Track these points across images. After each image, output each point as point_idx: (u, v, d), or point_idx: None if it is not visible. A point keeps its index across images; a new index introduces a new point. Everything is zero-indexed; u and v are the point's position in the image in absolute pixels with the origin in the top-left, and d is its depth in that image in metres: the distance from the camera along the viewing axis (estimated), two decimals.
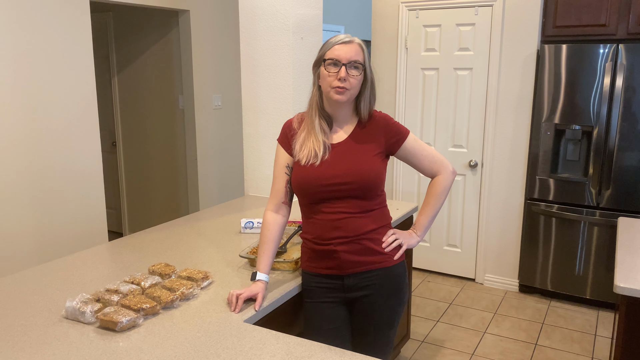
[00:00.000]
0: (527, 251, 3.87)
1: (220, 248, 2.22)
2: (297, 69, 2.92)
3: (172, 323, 1.57)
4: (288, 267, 1.95)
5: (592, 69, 3.45)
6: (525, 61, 3.73)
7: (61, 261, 2.07)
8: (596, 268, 3.63)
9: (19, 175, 3.10)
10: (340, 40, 1.68)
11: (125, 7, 4.46)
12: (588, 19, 3.51)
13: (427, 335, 3.34)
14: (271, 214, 1.84)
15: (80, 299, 1.60)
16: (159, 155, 4.83)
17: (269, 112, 3.02)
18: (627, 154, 3.43)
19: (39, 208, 3.22)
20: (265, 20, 2.91)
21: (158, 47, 4.61)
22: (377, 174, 1.75)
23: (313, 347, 1.44)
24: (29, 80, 3.10)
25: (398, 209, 2.72)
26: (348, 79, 1.67)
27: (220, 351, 1.41)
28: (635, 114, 3.38)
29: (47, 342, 1.46)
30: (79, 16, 3.34)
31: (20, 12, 3.03)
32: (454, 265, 4.25)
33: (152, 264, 1.97)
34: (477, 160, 4.01)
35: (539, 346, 3.21)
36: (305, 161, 1.74)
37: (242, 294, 1.66)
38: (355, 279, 1.77)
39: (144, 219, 4.97)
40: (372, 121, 1.79)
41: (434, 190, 1.87)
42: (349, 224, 1.73)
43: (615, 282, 1.86)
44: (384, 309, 1.81)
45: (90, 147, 3.49)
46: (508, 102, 3.84)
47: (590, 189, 3.57)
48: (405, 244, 1.84)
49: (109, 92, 4.99)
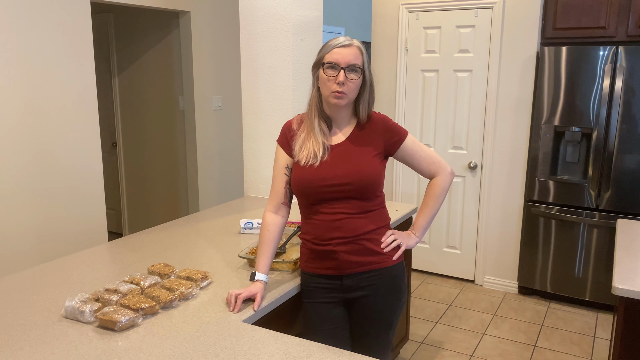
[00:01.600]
0: (526, 253, 3.88)
1: (220, 248, 2.23)
2: (297, 71, 2.93)
3: (171, 323, 1.57)
4: (287, 267, 1.96)
5: (591, 71, 3.46)
6: (525, 63, 3.74)
7: (61, 261, 2.08)
8: (595, 270, 3.63)
9: (20, 175, 3.11)
10: (339, 43, 1.68)
11: (126, 8, 4.47)
12: (588, 21, 3.52)
13: (426, 337, 3.34)
14: (270, 215, 1.85)
15: (79, 299, 1.61)
16: (159, 156, 4.84)
17: (269, 114, 3.03)
18: (627, 156, 3.43)
19: (39, 208, 3.23)
20: (265, 22, 2.91)
21: (158, 48, 4.62)
22: (375, 175, 1.76)
23: (311, 347, 1.45)
24: (30, 81, 3.11)
25: (397, 210, 2.73)
26: (347, 82, 1.67)
27: (219, 351, 1.42)
28: (634, 116, 3.38)
29: (47, 341, 1.46)
30: (79, 17, 3.35)
31: (22, 13, 3.03)
32: (454, 267, 4.25)
33: (152, 264, 1.98)
34: (476, 162, 4.01)
35: (538, 348, 3.21)
36: (304, 162, 1.75)
37: (241, 294, 1.67)
38: (354, 280, 1.78)
39: (144, 220, 4.98)
40: (370, 123, 1.80)
41: (432, 192, 1.88)
42: (348, 224, 1.74)
43: (614, 284, 1.86)
44: (382, 310, 1.81)
45: (90, 147, 3.50)
46: (508, 104, 3.84)
47: (589, 190, 3.58)
48: (404, 245, 1.84)
49: (109, 93, 5.00)
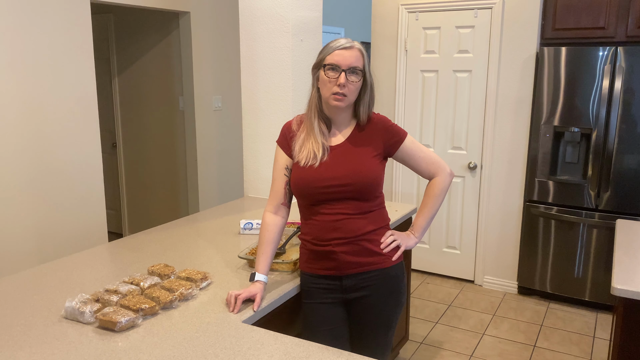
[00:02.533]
0: (526, 253, 3.88)
1: (220, 249, 2.23)
2: (296, 71, 2.93)
3: (171, 323, 1.57)
4: (287, 268, 1.96)
5: (591, 72, 3.46)
6: (525, 63, 3.74)
7: (61, 261, 2.08)
8: (595, 270, 3.63)
9: (20, 175, 3.11)
10: (341, 45, 1.68)
11: (126, 8, 4.47)
12: (587, 22, 3.52)
13: (425, 337, 3.35)
14: (270, 215, 1.86)
15: (79, 299, 1.61)
16: (159, 156, 4.84)
17: (268, 114, 3.03)
18: (626, 156, 3.44)
19: (39, 208, 3.23)
20: (265, 22, 2.92)
21: (158, 48, 4.62)
22: (375, 176, 1.76)
23: (311, 348, 1.45)
24: (30, 82, 3.11)
25: (397, 211, 2.73)
26: (347, 85, 1.67)
27: (219, 351, 1.42)
28: (634, 117, 3.39)
29: (47, 341, 1.47)
30: (79, 17, 3.35)
31: (22, 14, 3.04)
32: (453, 267, 4.26)
33: (152, 265, 1.98)
34: (476, 163, 4.01)
35: (537, 348, 3.21)
36: (304, 162, 1.76)
37: (241, 295, 1.67)
38: (353, 280, 1.78)
39: (144, 220, 4.98)
40: (370, 124, 1.80)
41: (431, 192, 1.88)
42: (347, 225, 1.74)
43: (613, 284, 1.87)
44: (382, 310, 1.81)
45: (90, 148, 3.50)
46: (507, 104, 3.84)
47: (589, 191, 3.58)
48: (404, 245, 1.85)
49: (109, 93, 5.00)
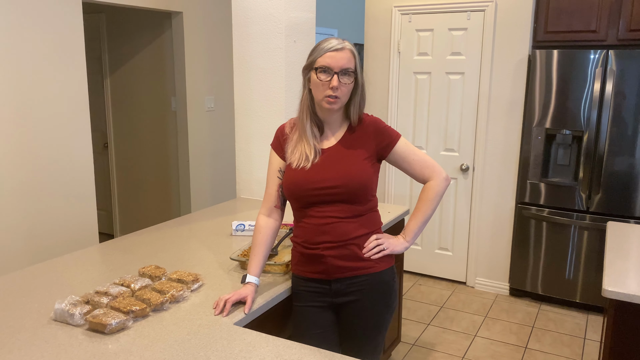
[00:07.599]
0: (517, 255, 3.89)
1: (211, 250, 2.22)
2: (289, 72, 2.93)
3: (162, 325, 1.56)
4: (279, 269, 1.95)
5: (582, 75, 3.48)
6: (517, 66, 3.76)
7: (51, 262, 2.06)
8: (586, 272, 3.65)
9: (10, 176, 3.08)
10: (332, 47, 1.66)
11: (118, 8, 4.45)
12: (579, 25, 3.54)
13: (417, 339, 3.35)
14: (263, 218, 1.85)
15: (69, 301, 1.59)
16: (151, 157, 4.82)
17: (261, 115, 3.02)
18: (617, 159, 3.46)
19: (29, 209, 3.20)
20: (258, 23, 2.91)
21: (151, 48, 4.60)
22: (366, 179, 1.74)
23: (303, 350, 1.44)
24: (21, 81, 3.09)
25: (389, 212, 2.73)
26: (340, 87, 1.66)
27: (210, 354, 1.41)
28: (624, 119, 3.41)
29: (36, 344, 1.45)
30: (71, 17, 3.33)
31: (12, 13, 3.01)
32: (445, 269, 4.27)
33: (143, 266, 1.97)
34: (468, 164, 4.03)
35: (529, 349, 3.22)
36: (296, 164, 1.75)
37: (230, 298, 1.66)
38: (342, 284, 1.76)
39: (135, 221, 4.95)
40: (361, 125, 1.78)
41: (425, 196, 1.83)
42: (337, 228, 1.72)
43: (604, 286, 1.87)
44: (371, 315, 1.79)
45: (81, 148, 3.47)
46: (499, 107, 3.86)
47: (580, 193, 3.60)
48: (389, 249, 1.79)
49: (101, 94, 4.97)
